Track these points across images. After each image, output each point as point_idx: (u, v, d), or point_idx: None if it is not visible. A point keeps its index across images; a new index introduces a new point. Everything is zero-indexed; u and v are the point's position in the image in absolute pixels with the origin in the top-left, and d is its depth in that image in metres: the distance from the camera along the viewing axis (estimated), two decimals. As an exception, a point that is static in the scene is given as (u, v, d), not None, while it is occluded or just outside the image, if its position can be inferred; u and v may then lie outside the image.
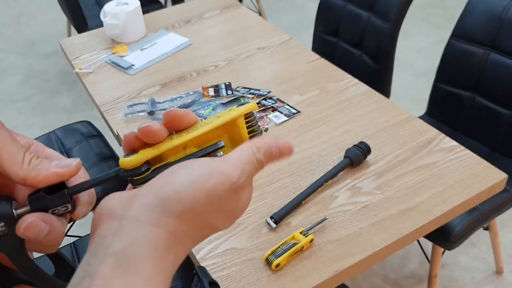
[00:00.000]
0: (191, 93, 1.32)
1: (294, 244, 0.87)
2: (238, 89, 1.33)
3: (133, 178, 0.33)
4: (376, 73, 1.66)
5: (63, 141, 1.66)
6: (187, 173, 0.31)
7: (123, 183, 0.35)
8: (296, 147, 1.12)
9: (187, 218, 0.30)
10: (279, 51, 1.50)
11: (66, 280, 0.28)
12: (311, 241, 0.89)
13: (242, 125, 0.36)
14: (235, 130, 0.36)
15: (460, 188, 0.98)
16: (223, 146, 0.35)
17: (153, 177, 0.31)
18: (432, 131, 1.14)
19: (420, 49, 2.96)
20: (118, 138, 1.25)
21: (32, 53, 3.23)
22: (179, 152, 0.35)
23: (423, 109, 1.63)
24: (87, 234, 1.40)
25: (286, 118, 1.21)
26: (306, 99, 1.28)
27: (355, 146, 1.06)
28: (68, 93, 2.83)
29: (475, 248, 1.78)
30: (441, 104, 1.56)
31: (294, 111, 1.23)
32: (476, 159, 1.05)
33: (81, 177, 0.35)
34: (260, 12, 3.09)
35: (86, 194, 0.35)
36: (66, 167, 0.33)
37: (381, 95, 1.27)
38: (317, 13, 1.84)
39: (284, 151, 0.35)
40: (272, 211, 0.95)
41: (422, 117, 1.57)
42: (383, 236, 0.90)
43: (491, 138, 1.45)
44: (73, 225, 1.69)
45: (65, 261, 0.37)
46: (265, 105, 1.26)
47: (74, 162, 0.33)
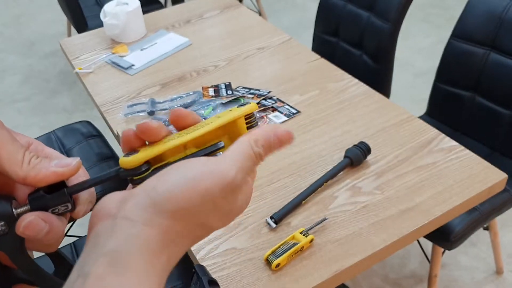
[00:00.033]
0: (191, 93, 1.32)
1: (294, 244, 0.87)
2: (238, 89, 1.33)
3: (133, 178, 0.33)
4: (376, 73, 1.66)
5: (63, 141, 1.66)
6: (181, 173, 0.31)
7: (124, 183, 0.35)
8: (296, 147, 1.12)
9: (180, 218, 0.30)
10: (279, 51, 1.50)
11: (66, 279, 0.28)
12: (311, 241, 0.89)
13: (243, 126, 0.36)
14: (236, 131, 0.36)
15: (460, 188, 0.98)
16: (223, 147, 0.35)
17: None
18: (432, 131, 1.14)
19: (420, 49, 2.96)
20: (118, 138, 1.25)
21: (32, 53, 3.23)
22: (179, 152, 0.35)
23: (423, 109, 1.63)
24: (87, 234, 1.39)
25: (286, 118, 1.21)
26: (306, 99, 1.28)
27: (355, 146, 1.06)
28: (68, 93, 2.83)
29: (475, 248, 1.78)
30: (441, 104, 1.56)
31: (294, 111, 1.23)
32: (476, 159, 1.05)
33: (81, 177, 0.35)
34: (260, 12, 3.09)
35: (86, 193, 0.35)
36: (66, 166, 0.33)
37: (381, 95, 1.27)
38: (317, 13, 1.84)
39: (284, 140, 0.34)
40: (272, 211, 0.95)
41: (422, 117, 1.57)
42: (383, 236, 0.90)
43: (491, 138, 1.45)
44: (73, 225, 1.69)
45: (65, 260, 0.37)
46: (265, 105, 1.26)
47: (74, 161, 0.33)
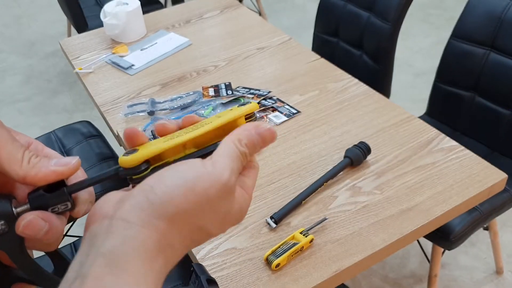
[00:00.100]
0: (191, 93, 1.32)
1: (294, 244, 0.87)
2: (238, 89, 1.33)
3: (132, 177, 0.33)
4: (376, 73, 1.66)
5: (63, 141, 1.66)
6: (180, 175, 0.31)
7: (123, 182, 0.35)
8: (296, 147, 1.12)
9: (177, 221, 0.30)
10: (279, 51, 1.50)
11: None
12: (311, 241, 0.89)
13: None
14: None
15: (460, 188, 0.98)
16: None
17: None
18: (432, 131, 1.14)
19: (420, 49, 2.96)
20: (118, 138, 1.25)
21: (33, 53, 3.23)
22: (179, 152, 0.35)
23: (423, 109, 1.63)
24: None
25: (286, 118, 1.21)
26: (306, 99, 1.28)
27: (355, 146, 1.06)
28: (69, 93, 2.83)
29: (475, 248, 1.78)
30: (441, 104, 1.56)
31: (294, 111, 1.23)
32: (476, 159, 1.05)
33: (80, 177, 0.35)
34: (260, 12, 3.09)
35: (86, 192, 0.35)
36: (65, 165, 0.33)
37: (381, 95, 1.27)
38: (317, 13, 1.84)
39: (266, 138, 0.34)
40: (272, 211, 0.95)
41: (422, 117, 1.57)
42: (383, 236, 0.90)
43: (491, 138, 1.45)
44: (73, 225, 1.69)
45: (65, 260, 0.37)
46: (265, 105, 1.26)
47: (73, 160, 0.33)
